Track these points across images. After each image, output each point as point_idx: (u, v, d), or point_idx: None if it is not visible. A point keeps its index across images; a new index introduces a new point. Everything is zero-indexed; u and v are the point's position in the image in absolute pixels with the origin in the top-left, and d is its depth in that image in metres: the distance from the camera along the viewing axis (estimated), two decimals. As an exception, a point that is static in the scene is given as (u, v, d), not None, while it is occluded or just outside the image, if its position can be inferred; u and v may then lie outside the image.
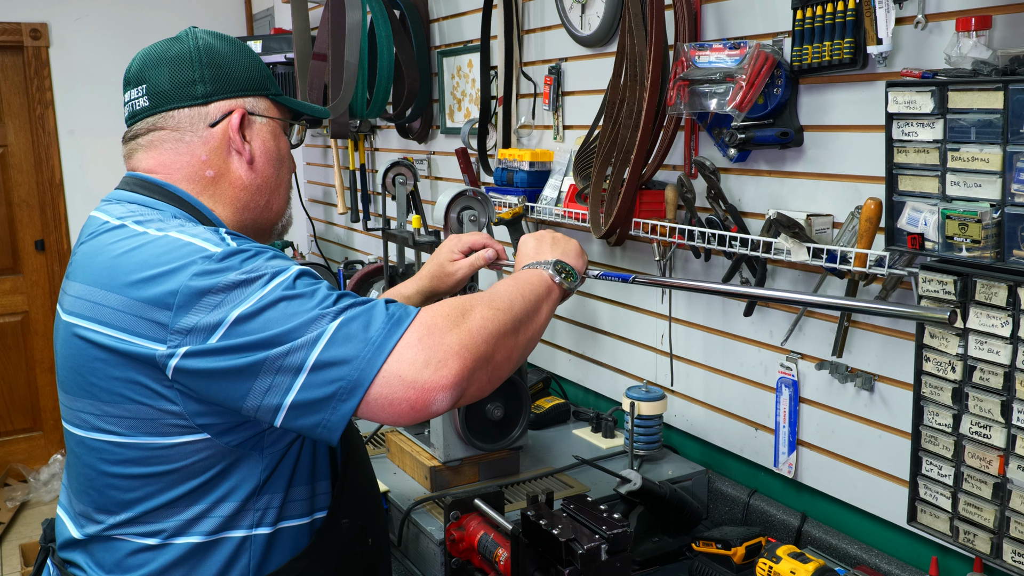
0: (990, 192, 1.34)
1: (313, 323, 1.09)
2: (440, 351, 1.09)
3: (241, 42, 1.40)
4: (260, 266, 1.14)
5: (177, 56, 1.32)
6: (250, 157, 1.35)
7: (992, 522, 1.42)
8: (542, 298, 1.35)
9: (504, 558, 1.50)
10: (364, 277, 3.14)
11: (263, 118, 1.38)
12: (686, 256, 2.14)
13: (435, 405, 1.09)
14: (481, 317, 1.17)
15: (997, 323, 1.37)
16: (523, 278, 1.37)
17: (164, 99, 1.31)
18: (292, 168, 1.48)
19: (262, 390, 1.10)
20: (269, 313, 1.10)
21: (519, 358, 1.26)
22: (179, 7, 5.09)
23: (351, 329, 1.09)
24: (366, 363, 1.07)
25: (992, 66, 1.33)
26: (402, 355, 1.08)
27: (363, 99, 3.10)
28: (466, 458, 1.98)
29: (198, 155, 1.32)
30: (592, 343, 2.54)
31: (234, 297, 1.10)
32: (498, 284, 1.33)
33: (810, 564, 1.56)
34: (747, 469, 2.06)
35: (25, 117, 4.93)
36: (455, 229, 1.94)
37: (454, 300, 1.19)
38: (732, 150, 1.90)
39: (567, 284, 1.42)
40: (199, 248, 1.15)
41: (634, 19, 1.98)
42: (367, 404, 1.08)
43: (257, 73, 1.38)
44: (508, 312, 1.23)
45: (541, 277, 1.38)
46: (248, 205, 1.38)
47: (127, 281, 1.15)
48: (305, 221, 4.51)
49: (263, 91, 1.39)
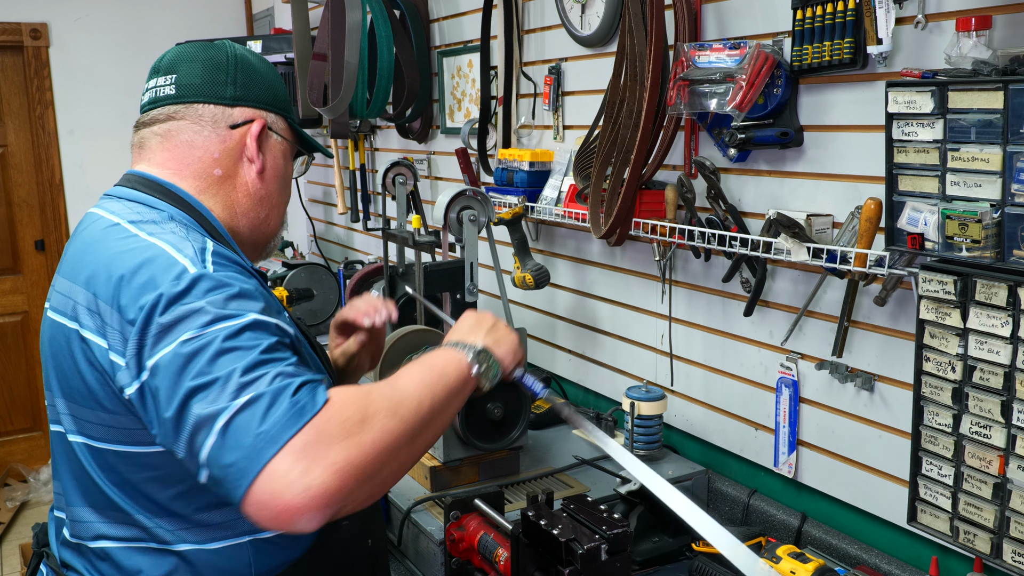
0: (990, 192, 1.34)
1: (224, 389, 1.04)
2: (319, 467, 0.99)
3: (273, 65, 1.44)
4: (216, 303, 1.11)
5: (213, 57, 1.35)
6: (261, 167, 1.37)
7: (992, 522, 1.42)
8: (454, 394, 1.25)
9: (504, 558, 1.50)
10: (364, 277, 3.14)
11: (279, 136, 1.41)
12: (686, 256, 2.14)
13: (298, 525, 0.99)
14: (381, 429, 1.07)
15: (997, 323, 1.37)
16: (440, 366, 1.25)
17: (193, 91, 1.33)
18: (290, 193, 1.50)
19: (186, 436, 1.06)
20: (199, 358, 1.06)
21: (411, 466, 1.18)
22: (179, 7, 5.09)
23: (248, 416, 1.02)
24: (248, 463, 0.99)
25: (992, 66, 1.33)
26: (278, 464, 0.98)
27: (363, 99, 3.10)
28: (466, 458, 1.98)
29: (211, 152, 1.33)
30: (592, 343, 2.54)
31: (180, 331, 1.08)
32: (412, 371, 1.23)
33: (810, 564, 1.56)
34: (747, 469, 2.06)
35: (25, 117, 4.93)
36: (455, 229, 1.93)
37: (359, 399, 1.09)
38: (732, 150, 1.90)
39: (483, 380, 1.30)
40: (177, 264, 1.14)
41: (634, 19, 1.98)
42: (247, 500, 1.01)
43: (282, 94, 1.43)
44: (413, 419, 1.13)
45: (460, 366, 1.27)
46: (247, 213, 1.38)
47: (108, 285, 1.15)
48: (305, 221, 4.51)
49: (284, 112, 1.42)
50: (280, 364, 1.08)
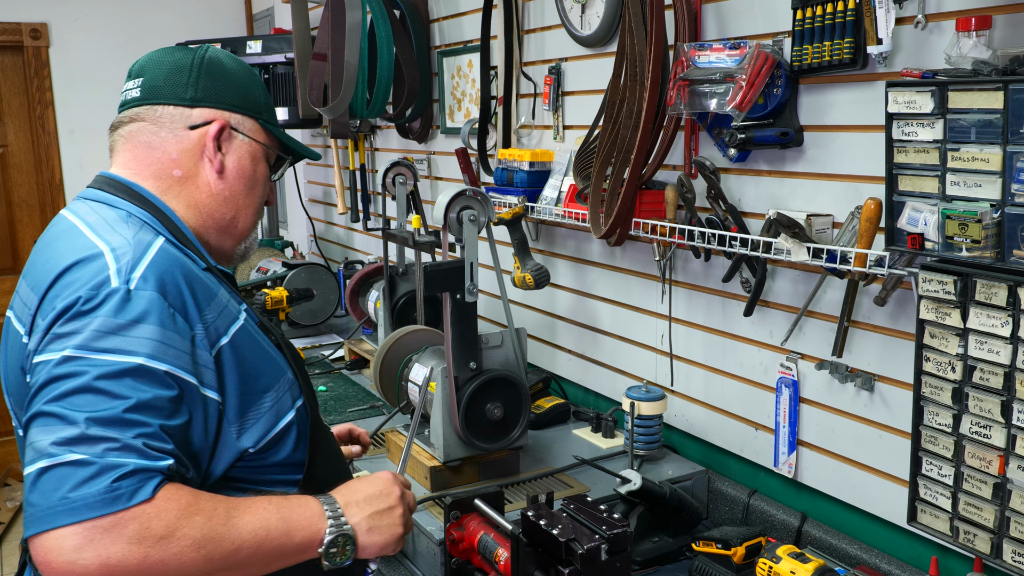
0: (990, 192, 1.34)
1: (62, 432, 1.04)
2: (92, 552, 1.01)
3: (252, 69, 1.43)
4: (111, 328, 1.11)
5: (178, 60, 1.37)
6: (220, 167, 1.37)
7: (992, 522, 1.42)
8: (284, 557, 1.19)
9: (504, 558, 1.50)
10: (364, 277, 3.14)
11: (246, 137, 1.40)
12: (686, 256, 2.14)
13: None
14: (175, 555, 1.06)
15: (997, 323, 1.37)
16: (292, 523, 1.20)
17: (154, 93, 1.35)
18: (267, 198, 1.48)
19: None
20: (63, 384, 1.08)
21: None
22: (179, 7, 5.09)
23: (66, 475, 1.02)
24: (42, 517, 1.01)
25: (992, 66, 1.33)
26: (63, 534, 1.01)
27: (363, 99, 3.10)
28: (466, 458, 1.98)
29: (169, 152, 1.34)
30: (592, 343, 2.54)
31: (65, 344, 1.10)
32: (261, 512, 1.17)
33: (810, 564, 1.56)
34: (747, 469, 2.06)
35: (25, 117, 4.93)
36: (455, 229, 1.93)
37: (178, 514, 1.07)
38: (732, 150, 1.90)
39: (324, 560, 1.22)
40: (105, 272, 1.16)
41: (634, 19, 1.98)
42: (31, 542, 1.03)
43: (254, 96, 1.41)
44: (219, 561, 1.10)
45: (312, 537, 1.21)
46: (212, 214, 1.38)
47: (45, 282, 1.19)
48: (305, 221, 4.51)
49: (254, 113, 1.41)
50: (135, 430, 1.07)
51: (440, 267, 1.88)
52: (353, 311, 3.16)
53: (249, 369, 1.27)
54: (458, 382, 1.92)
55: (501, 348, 1.97)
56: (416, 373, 2.10)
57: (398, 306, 2.74)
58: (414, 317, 2.56)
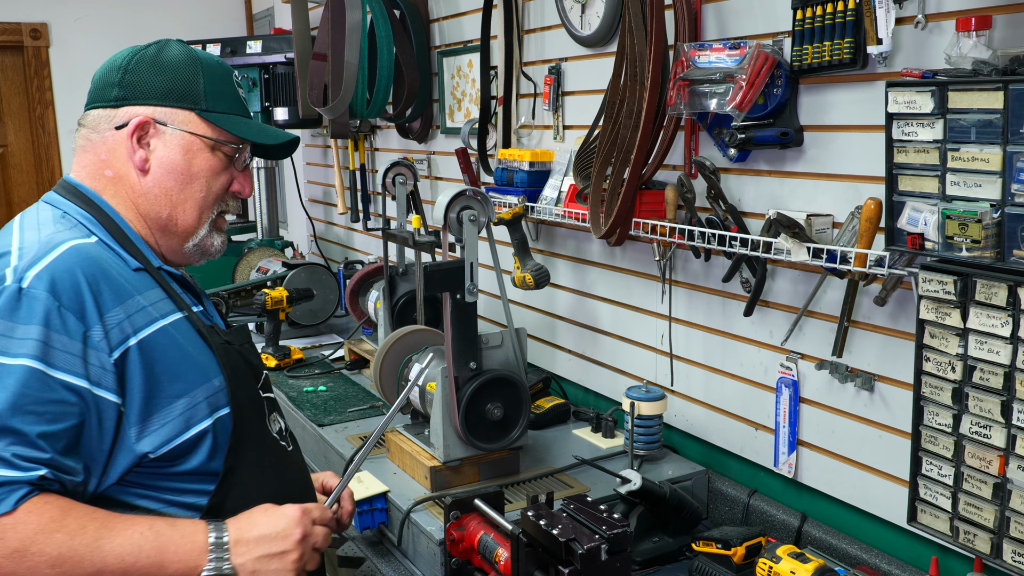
0: (990, 192, 1.34)
1: None
2: None
3: (198, 56, 1.38)
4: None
5: (113, 61, 1.37)
6: (141, 164, 1.34)
7: (992, 522, 1.42)
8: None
9: (504, 558, 1.50)
10: (364, 277, 3.14)
11: (176, 130, 1.35)
12: (686, 256, 2.14)
13: None
14: (28, 570, 1.05)
15: (997, 323, 1.37)
16: (168, 553, 1.16)
17: (91, 98, 1.37)
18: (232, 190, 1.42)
19: None
20: None
21: None
22: (179, 7, 5.09)
23: None
24: None
25: (992, 66, 1.33)
26: None
27: (363, 99, 3.10)
28: (466, 458, 1.98)
29: (99, 154, 1.35)
30: (592, 343, 2.54)
31: None
32: (135, 535, 1.15)
33: (810, 564, 1.56)
34: (747, 469, 2.06)
35: (25, 117, 4.94)
36: (455, 229, 1.93)
37: (38, 530, 1.06)
38: (732, 150, 1.90)
39: None
40: (6, 269, 1.18)
41: (634, 19, 1.98)
42: None
43: (190, 87, 1.36)
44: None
45: (186, 573, 1.18)
46: (148, 213, 1.36)
47: None
48: (305, 221, 4.51)
49: (188, 105, 1.36)
50: (5, 440, 1.07)
51: (440, 267, 1.88)
52: (353, 311, 3.16)
53: (161, 372, 1.24)
54: (458, 382, 1.92)
55: (501, 348, 1.97)
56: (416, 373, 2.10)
57: (398, 306, 2.74)
58: (414, 317, 2.56)
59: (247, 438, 1.35)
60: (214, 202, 1.40)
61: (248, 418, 1.36)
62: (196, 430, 1.27)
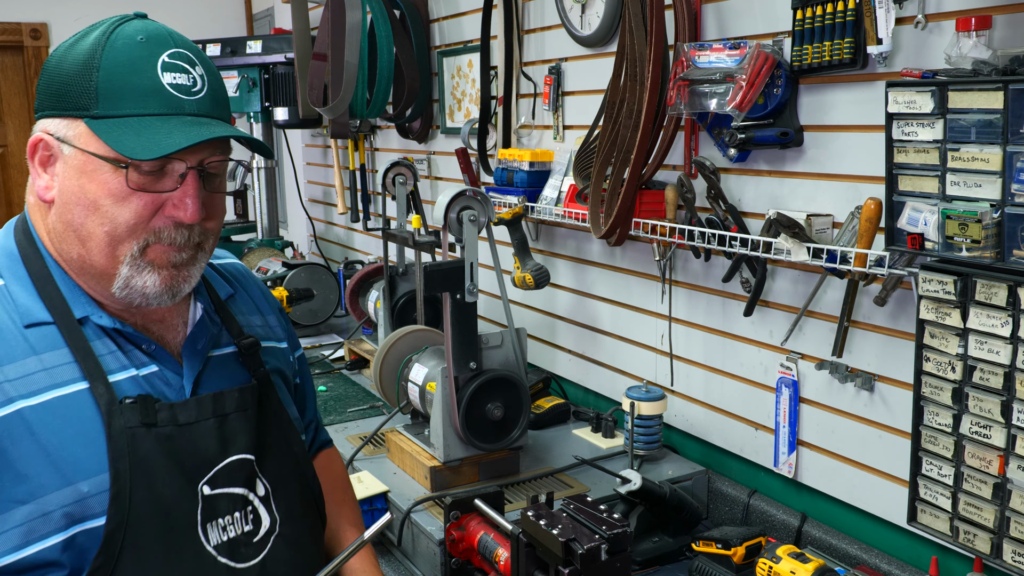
0: (990, 192, 1.34)
1: None
2: None
3: (108, 41, 1.06)
4: None
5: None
6: (43, 193, 1.09)
7: (992, 522, 1.42)
8: None
9: (504, 558, 1.50)
10: (364, 277, 3.14)
11: (71, 148, 1.05)
12: (686, 256, 2.14)
13: None
14: None
15: (997, 323, 1.37)
16: None
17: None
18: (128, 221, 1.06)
19: None
20: None
21: None
22: (179, 7, 5.09)
23: None
24: None
25: (992, 66, 1.33)
26: None
27: (363, 99, 3.10)
28: (466, 458, 1.98)
29: (30, 179, 1.13)
30: (592, 343, 2.54)
31: None
32: None
33: (810, 564, 1.56)
34: (747, 469, 2.06)
35: (25, 117, 4.94)
36: (455, 229, 1.93)
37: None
38: (732, 150, 1.90)
39: None
40: None
41: (634, 19, 1.98)
42: None
43: (81, 87, 1.04)
44: None
45: None
46: (61, 252, 1.11)
47: None
48: (305, 221, 4.51)
49: (78, 112, 1.05)
50: None
51: (440, 267, 1.88)
52: (353, 311, 3.16)
53: (10, 462, 1.00)
54: (458, 382, 1.92)
55: (501, 348, 1.97)
56: (416, 373, 2.10)
57: (398, 306, 2.74)
58: (414, 317, 2.56)
59: (146, 558, 1.04)
60: (129, 234, 1.06)
61: (149, 531, 1.05)
62: (37, 547, 1.00)
